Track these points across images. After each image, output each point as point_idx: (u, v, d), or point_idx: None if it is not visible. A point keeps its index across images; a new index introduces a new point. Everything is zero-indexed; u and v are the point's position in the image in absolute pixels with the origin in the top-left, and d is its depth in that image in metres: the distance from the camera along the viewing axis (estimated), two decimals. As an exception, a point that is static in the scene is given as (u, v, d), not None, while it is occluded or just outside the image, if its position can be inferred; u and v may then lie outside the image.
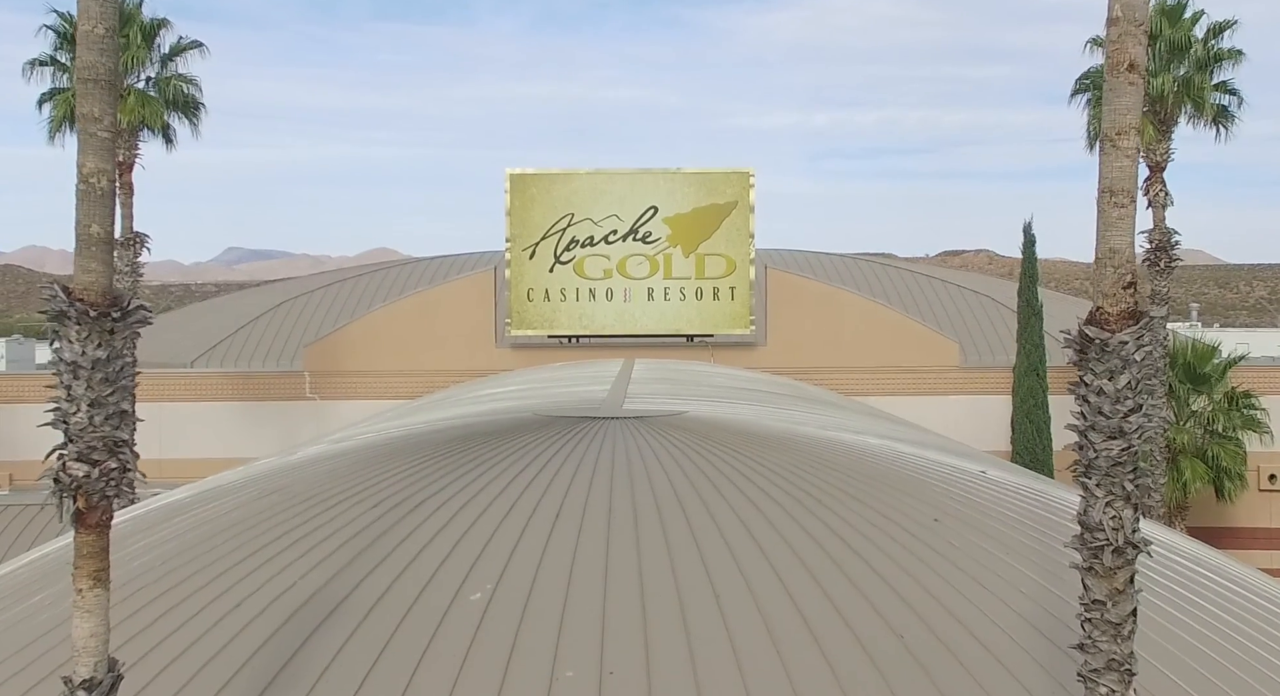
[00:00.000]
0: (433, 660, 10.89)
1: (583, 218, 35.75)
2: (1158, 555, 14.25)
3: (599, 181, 36.00)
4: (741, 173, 35.90)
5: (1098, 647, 8.74)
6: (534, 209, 35.79)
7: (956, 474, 15.80)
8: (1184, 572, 14.25)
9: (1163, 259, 29.33)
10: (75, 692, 8.36)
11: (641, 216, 35.74)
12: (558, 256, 35.79)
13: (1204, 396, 32.98)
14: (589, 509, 13.05)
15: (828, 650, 11.08)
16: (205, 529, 13.89)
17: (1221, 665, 12.08)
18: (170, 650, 11.38)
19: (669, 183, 35.98)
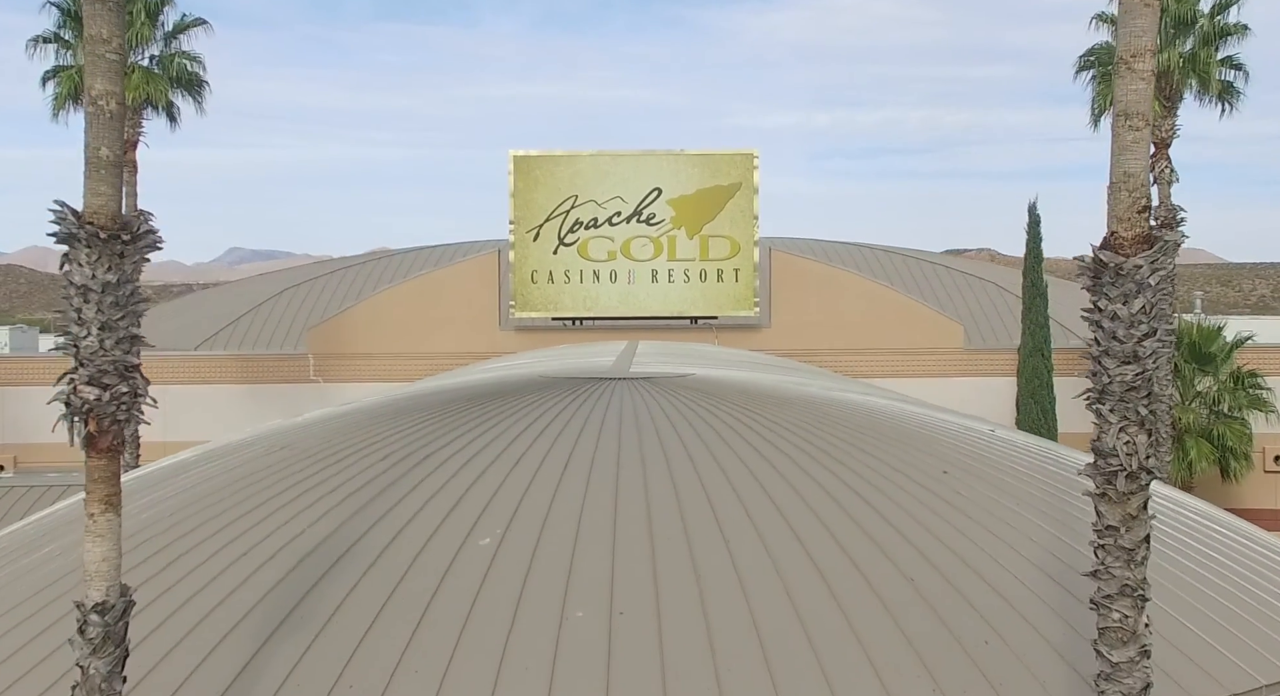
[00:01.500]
0: (442, 602, 10.86)
1: (586, 199, 35.69)
2: (1169, 508, 14.23)
3: (603, 163, 35.95)
4: (745, 154, 35.83)
5: (1110, 574, 8.69)
6: (538, 191, 35.74)
7: (965, 431, 15.76)
8: (1192, 524, 14.22)
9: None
10: (88, 616, 8.33)
11: (645, 198, 35.67)
12: (562, 238, 35.73)
13: (1209, 377, 32.92)
14: (597, 460, 13.02)
15: (838, 592, 11.04)
16: (211, 483, 13.86)
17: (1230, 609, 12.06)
18: (177, 597, 11.35)
19: (673, 164, 35.93)
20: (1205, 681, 10.83)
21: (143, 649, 10.55)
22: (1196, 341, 32.69)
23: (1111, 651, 8.71)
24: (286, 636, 10.59)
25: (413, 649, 10.35)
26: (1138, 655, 8.71)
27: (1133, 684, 8.69)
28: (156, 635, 10.81)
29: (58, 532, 13.49)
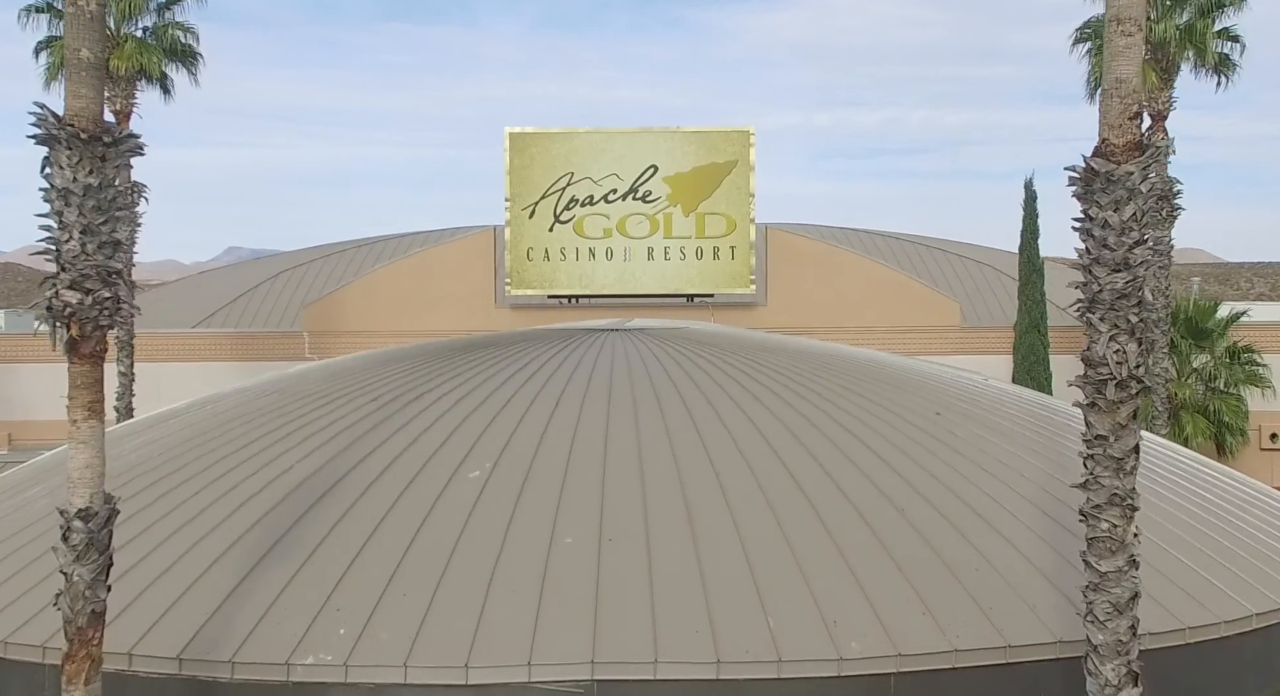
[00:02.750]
0: (430, 530, 10.81)
1: (582, 177, 35.46)
2: (1163, 453, 14.17)
3: (598, 140, 35.78)
4: (742, 131, 35.67)
5: (1099, 483, 8.62)
6: (533, 168, 35.56)
7: (959, 379, 15.69)
8: (1186, 467, 14.17)
9: (1164, 207, 29.16)
10: (71, 522, 8.25)
11: (641, 175, 35.46)
12: (557, 216, 35.54)
13: (1205, 353, 32.80)
14: (588, 398, 12.95)
15: (828, 521, 10.98)
16: (204, 424, 13.79)
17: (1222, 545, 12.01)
18: (169, 525, 11.31)
19: (669, 141, 35.75)
20: (1197, 610, 10.80)
21: (135, 572, 10.53)
22: (1193, 317, 32.54)
23: (1100, 561, 8.64)
24: (275, 562, 10.55)
25: (400, 573, 10.30)
26: (1126, 564, 8.65)
27: (1120, 593, 8.63)
28: (148, 560, 10.78)
29: (46, 473, 13.41)
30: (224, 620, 9.96)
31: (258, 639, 9.75)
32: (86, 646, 8.30)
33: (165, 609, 10.16)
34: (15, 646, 10.26)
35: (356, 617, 9.85)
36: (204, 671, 9.61)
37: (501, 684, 9.36)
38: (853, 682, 9.55)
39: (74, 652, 8.30)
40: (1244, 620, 10.76)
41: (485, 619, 9.76)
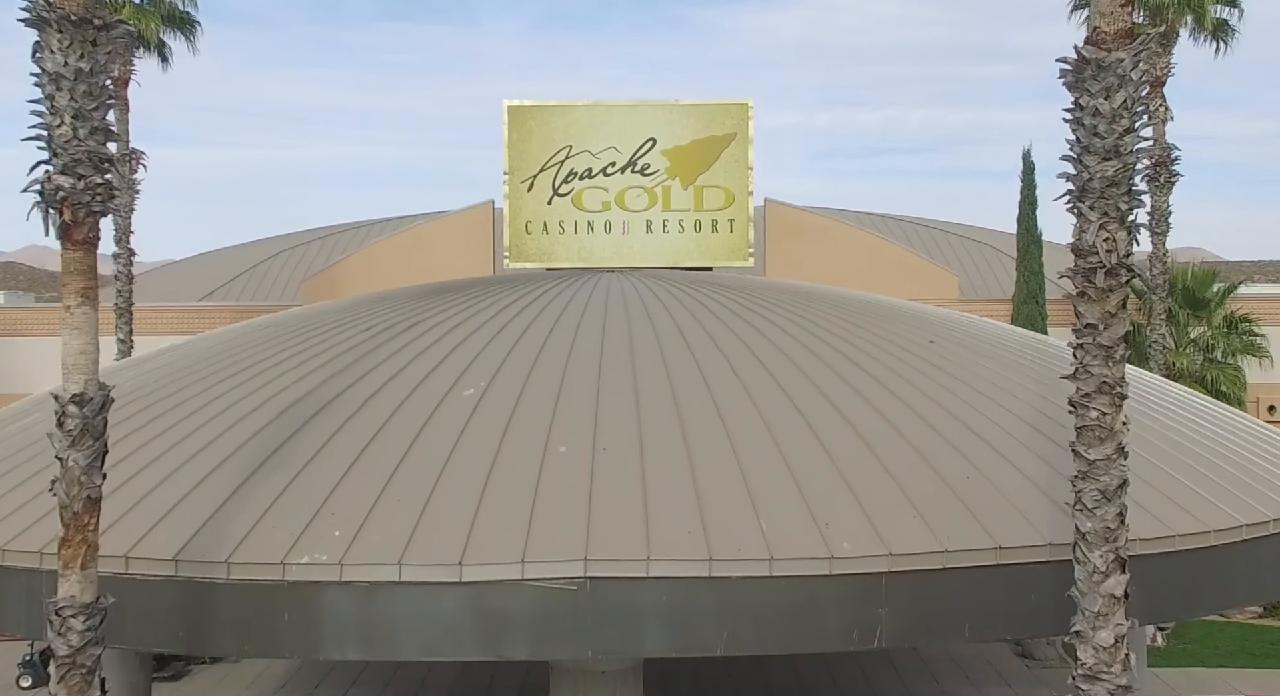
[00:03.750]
0: (425, 442, 10.87)
1: (581, 150, 35.49)
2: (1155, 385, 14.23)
3: (597, 113, 35.86)
4: (740, 104, 35.70)
5: (1089, 372, 8.67)
6: (532, 141, 35.65)
7: (953, 315, 15.74)
8: (1179, 397, 14.22)
9: (1163, 174, 29.12)
10: (66, 407, 8.30)
11: (640, 148, 35.51)
12: (556, 189, 35.59)
13: (1203, 323, 32.81)
14: (583, 325, 13.03)
15: (822, 434, 11.04)
16: (199, 355, 13.86)
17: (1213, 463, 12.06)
18: (167, 440, 11.40)
19: (667, 115, 35.83)
20: (1187, 519, 10.85)
21: (132, 483, 10.60)
22: (1190, 286, 32.57)
23: (1089, 449, 8.69)
24: (270, 472, 10.60)
25: (395, 481, 10.35)
26: (1114, 453, 8.69)
27: (1109, 481, 8.67)
28: (145, 473, 10.85)
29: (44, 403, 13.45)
30: (220, 525, 10.01)
31: (253, 541, 9.80)
32: (83, 531, 8.36)
33: (162, 515, 10.22)
34: (13, 553, 10.32)
35: (351, 520, 9.90)
36: (200, 572, 9.67)
37: (495, 581, 9.41)
38: (844, 581, 9.60)
39: (70, 538, 8.36)
40: (1234, 530, 10.80)
41: (479, 521, 9.81)
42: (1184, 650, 27.22)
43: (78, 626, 8.32)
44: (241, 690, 25.05)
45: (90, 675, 8.41)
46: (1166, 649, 27.22)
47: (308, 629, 9.53)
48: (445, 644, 9.49)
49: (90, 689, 8.40)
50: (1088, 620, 8.73)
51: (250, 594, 9.58)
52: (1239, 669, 25.92)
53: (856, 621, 9.59)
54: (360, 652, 9.56)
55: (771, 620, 9.53)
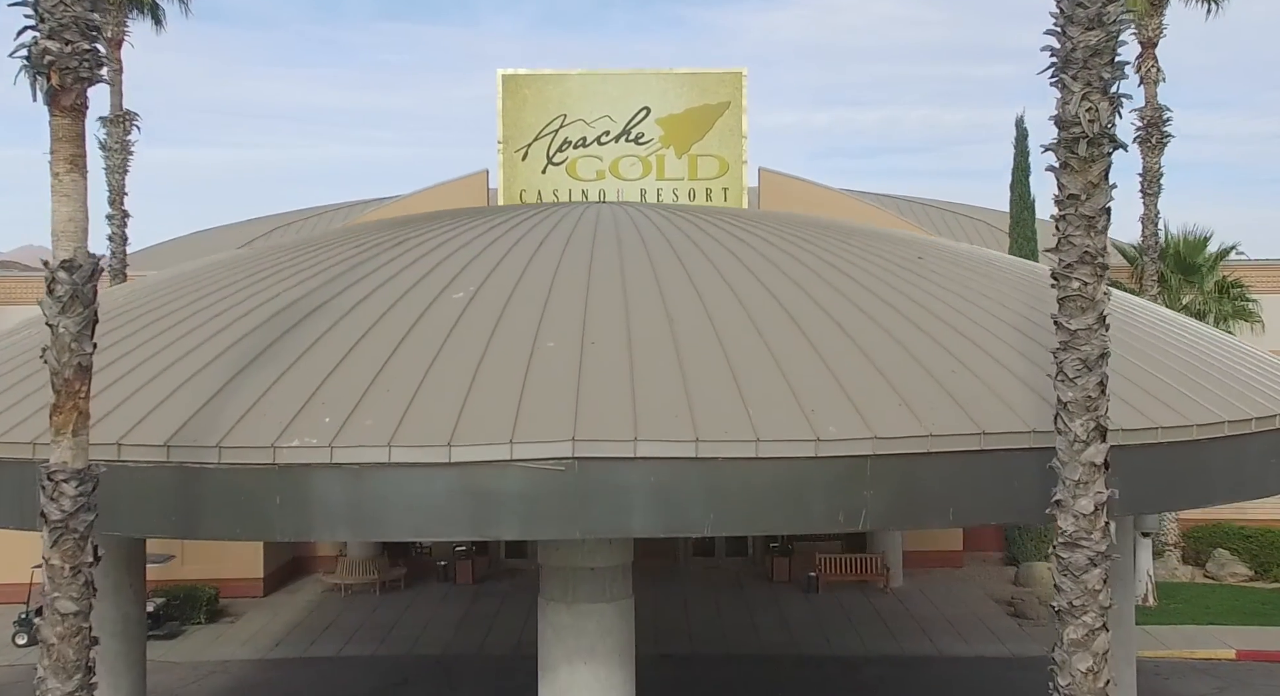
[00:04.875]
0: (415, 339, 10.94)
1: (575, 119, 35.65)
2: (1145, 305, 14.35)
3: (591, 82, 35.98)
4: (734, 73, 35.84)
5: (1071, 243, 8.76)
6: (526, 110, 35.77)
7: (945, 242, 15.85)
8: (1164, 315, 14.33)
9: (1154, 135, 29.21)
10: (56, 274, 8.37)
11: (634, 117, 35.64)
12: (550, 158, 35.71)
13: (1195, 288, 32.94)
14: (574, 239, 13.11)
15: (809, 331, 11.13)
16: (190, 273, 13.93)
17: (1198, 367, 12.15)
18: (157, 345, 11.46)
19: (661, 83, 35.97)
20: (1169, 414, 10.93)
21: (124, 381, 10.67)
22: (1182, 252, 32.71)
23: (1070, 319, 8.78)
24: (261, 367, 10.67)
25: (385, 373, 10.43)
26: (1096, 323, 8.77)
27: (1090, 350, 8.76)
28: (137, 371, 10.93)
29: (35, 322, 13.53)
30: (211, 413, 10.08)
31: (244, 427, 9.87)
32: (73, 398, 8.43)
33: (154, 406, 10.29)
34: (5, 444, 10.38)
35: (341, 407, 9.97)
36: (191, 457, 9.72)
37: (484, 462, 9.47)
38: (830, 464, 9.67)
39: (61, 404, 8.43)
40: (1215, 426, 10.88)
41: (468, 407, 9.88)
42: (1176, 609, 27.38)
43: (70, 491, 8.40)
44: (237, 647, 25.20)
45: (83, 540, 8.48)
46: (1158, 608, 27.39)
47: (299, 511, 9.60)
48: (435, 525, 9.57)
49: (83, 554, 8.47)
50: (1068, 489, 8.82)
51: (241, 478, 9.64)
52: (1229, 626, 26.13)
53: (842, 504, 9.67)
54: (351, 534, 9.63)
55: (758, 502, 9.60)
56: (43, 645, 8.46)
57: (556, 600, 11.10)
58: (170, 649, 24.59)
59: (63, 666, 8.38)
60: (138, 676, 15.53)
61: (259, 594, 28.68)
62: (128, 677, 15.62)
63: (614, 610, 11.04)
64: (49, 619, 8.45)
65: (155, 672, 21.84)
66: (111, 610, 15.35)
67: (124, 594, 15.86)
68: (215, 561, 28.36)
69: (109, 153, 27.04)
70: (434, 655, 24.20)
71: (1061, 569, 8.93)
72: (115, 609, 15.58)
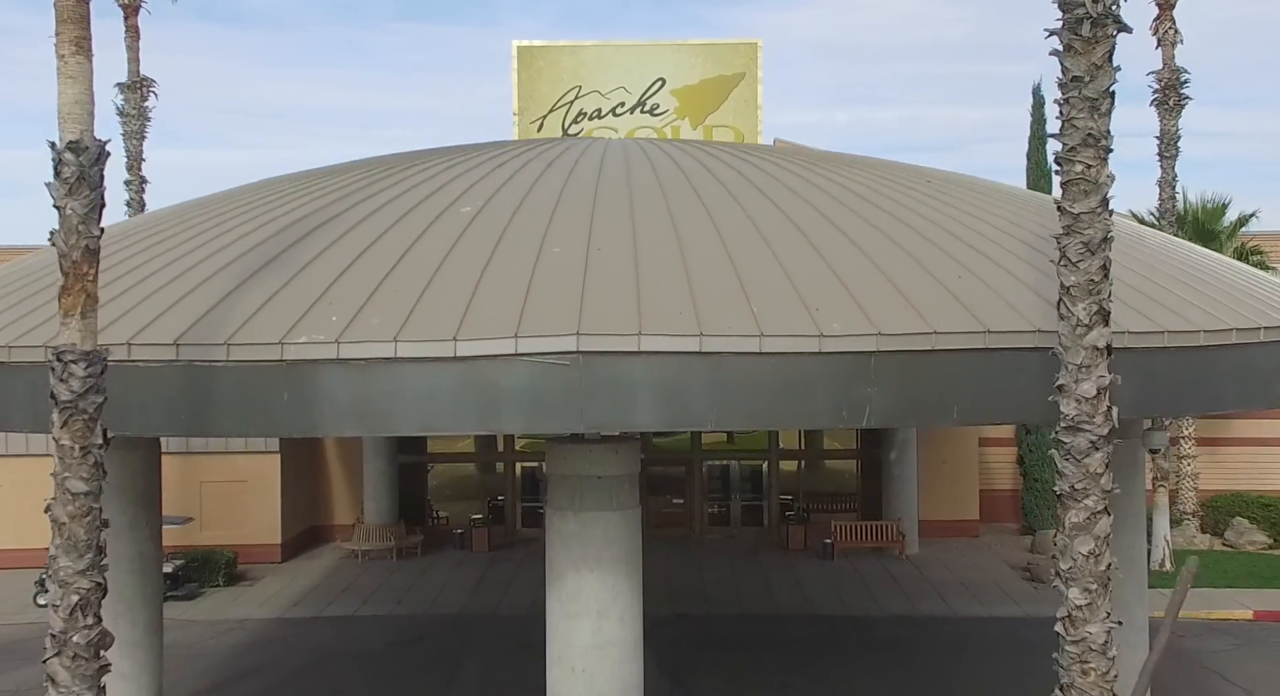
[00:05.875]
0: (422, 247, 11.02)
1: (590, 90, 35.78)
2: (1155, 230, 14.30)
3: (606, 54, 36.10)
4: (749, 43, 35.91)
5: (1074, 126, 8.74)
6: (541, 81, 35.92)
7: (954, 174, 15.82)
8: (1169, 238, 14.29)
9: (1171, 97, 29.03)
10: (63, 155, 8.47)
11: (649, 88, 35.74)
12: (565, 129, 35.81)
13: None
14: (581, 162, 13.20)
15: (816, 241, 11.15)
16: (202, 199, 14.04)
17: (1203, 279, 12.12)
18: (168, 257, 11.58)
19: (676, 54, 36.05)
20: (1177, 320, 10.89)
21: (140, 286, 10.79)
22: (1200, 219, 32.52)
23: (1074, 203, 8.76)
24: (271, 272, 10.77)
25: (393, 277, 10.50)
26: (1099, 206, 8.76)
27: (1093, 234, 8.74)
28: (153, 278, 11.04)
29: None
30: (220, 314, 10.18)
31: (252, 326, 9.96)
32: (81, 280, 8.52)
33: (164, 309, 10.40)
34: (19, 348, 10.50)
35: (348, 307, 10.05)
36: (200, 355, 9.82)
37: (489, 356, 9.52)
38: (833, 360, 9.68)
39: (70, 286, 8.53)
40: (1223, 333, 10.84)
41: (474, 305, 9.94)
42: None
43: (79, 372, 8.49)
44: (254, 607, 25.38)
45: (92, 422, 8.58)
46: (1175, 572, 27.31)
47: (306, 408, 9.68)
48: (442, 419, 9.63)
49: (92, 435, 8.56)
50: (1070, 373, 8.82)
51: (249, 375, 9.73)
52: (1247, 589, 26.02)
53: (845, 400, 9.68)
54: (358, 429, 9.69)
55: (761, 397, 9.62)
56: (54, 524, 8.57)
57: (563, 509, 11.16)
58: (189, 608, 24.80)
59: (74, 545, 8.48)
60: (155, 612, 15.66)
61: (277, 560, 28.87)
62: (145, 613, 15.75)
63: (620, 519, 11.09)
64: (60, 498, 8.56)
65: (174, 630, 22.07)
66: (128, 547, 15.47)
67: (140, 531, 15.97)
68: (233, 527, 28.58)
69: (126, 118, 27.25)
70: (450, 614, 24.33)
71: (1063, 454, 8.91)
72: (132, 546, 15.70)
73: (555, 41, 36.44)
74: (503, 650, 21.15)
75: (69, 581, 8.49)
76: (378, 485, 30.57)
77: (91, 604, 8.51)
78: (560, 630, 11.23)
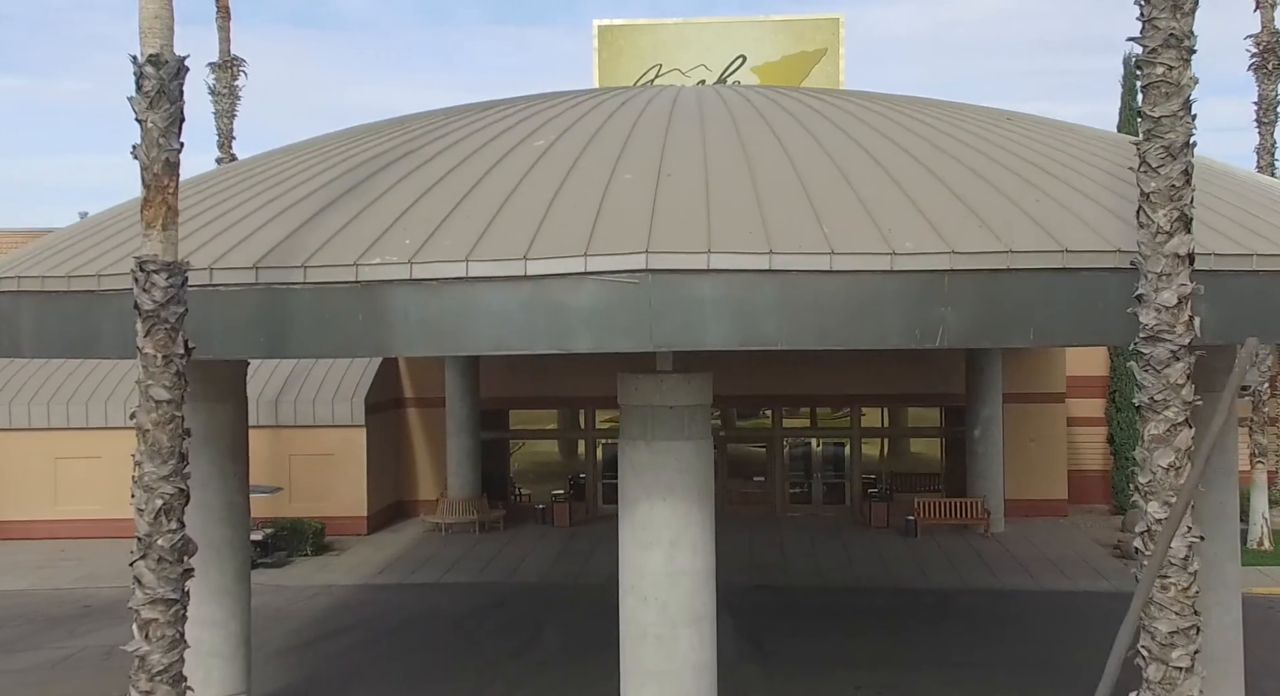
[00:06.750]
0: (494, 178, 11.11)
1: (670, 68, 35.77)
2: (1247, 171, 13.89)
3: (687, 31, 36.10)
4: (830, 19, 35.63)
5: (1155, 27, 8.51)
6: (621, 60, 36.02)
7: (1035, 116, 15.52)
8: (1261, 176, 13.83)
9: (1270, 61, 28.04)
10: (144, 69, 8.71)
11: (730, 66, 35.64)
12: (646, 109, 36.03)
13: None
14: (654, 102, 13.20)
15: (889, 166, 11.02)
16: (286, 146, 14.33)
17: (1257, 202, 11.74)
18: (251, 192, 11.85)
19: (757, 31, 35.92)
20: (1264, 243, 10.56)
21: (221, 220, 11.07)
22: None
23: (1154, 107, 8.54)
24: (347, 203, 10.97)
25: (465, 203, 10.61)
26: (1180, 109, 8.53)
27: (1175, 138, 8.51)
28: (233, 212, 11.30)
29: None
30: (297, 240, 10.38)
31: (328, 250, 10.15)
32: (162, 193, 8.76)
33: (244, 237, 10.64)
34: (109, 276, 10.82)
35: (421, 231, 10.18)
36: (278, 278, 10.02)
37: (559, 274, 9.57)
38: (906, 279, 9.54)
39: (151, 199, 8.77)
40: (1273, 258, 10.42)
41: (545, 227, 10.00)
42: (1293, 553, 26.48)
43: (160, 282, 8.73)
44: (342, 574, 25.87)
45: (173, 331, 8.81)
46: (1274, 551, 26.48)
47: (379, 328, 9.83)
48: (513, 338, 9.69)
49: (174, 344, 8.79)
50: (1150, 283, 8.58)
51: (325, 296, 9.90)
52: (1345, 568, 25.16)
53: (918, 320, 9.54)
54: (429, 348, 9.81)
55: (831, 316, 9.53)
56: (138, 431, 8.82)
57: (636, 438, 11.17)
58: (278, 575, 25.36)
59: (158, 451, 8.72)
60: (243, 561, 16.02)
61: (363, 532, 29.38)
62: (234, 561, 16.10)
63: (692, 448, 11.07)
64: (144, 406, 8.80)
65: (264, 594, 22.59)
66: (217, 497, 15.83)
67: (229, 482, 16.34)
68: (321, 499, 29.16)
69: (217, 97, 27.95)
70: (530, 583, 24.54)
71: (1143, 365, 8.68)
72: (221, 496, 16.07)
73: (635, 19, 36.58)
74: (582, 615, 21.26)
75: (153, 486, 8.73)
76: (461, 461, 30.94)
77: (175, 509, 8.74)
78: (633, 559, 11.25)
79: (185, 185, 12.14)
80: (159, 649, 8.71)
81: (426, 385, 31.99)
